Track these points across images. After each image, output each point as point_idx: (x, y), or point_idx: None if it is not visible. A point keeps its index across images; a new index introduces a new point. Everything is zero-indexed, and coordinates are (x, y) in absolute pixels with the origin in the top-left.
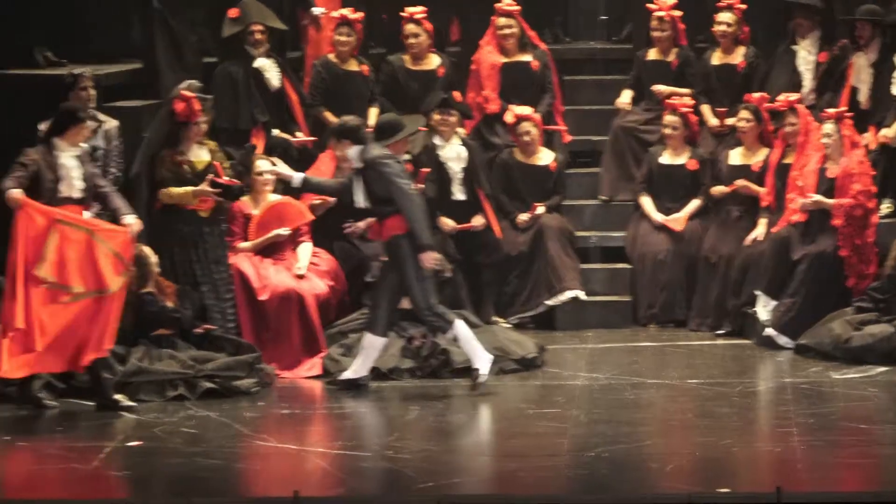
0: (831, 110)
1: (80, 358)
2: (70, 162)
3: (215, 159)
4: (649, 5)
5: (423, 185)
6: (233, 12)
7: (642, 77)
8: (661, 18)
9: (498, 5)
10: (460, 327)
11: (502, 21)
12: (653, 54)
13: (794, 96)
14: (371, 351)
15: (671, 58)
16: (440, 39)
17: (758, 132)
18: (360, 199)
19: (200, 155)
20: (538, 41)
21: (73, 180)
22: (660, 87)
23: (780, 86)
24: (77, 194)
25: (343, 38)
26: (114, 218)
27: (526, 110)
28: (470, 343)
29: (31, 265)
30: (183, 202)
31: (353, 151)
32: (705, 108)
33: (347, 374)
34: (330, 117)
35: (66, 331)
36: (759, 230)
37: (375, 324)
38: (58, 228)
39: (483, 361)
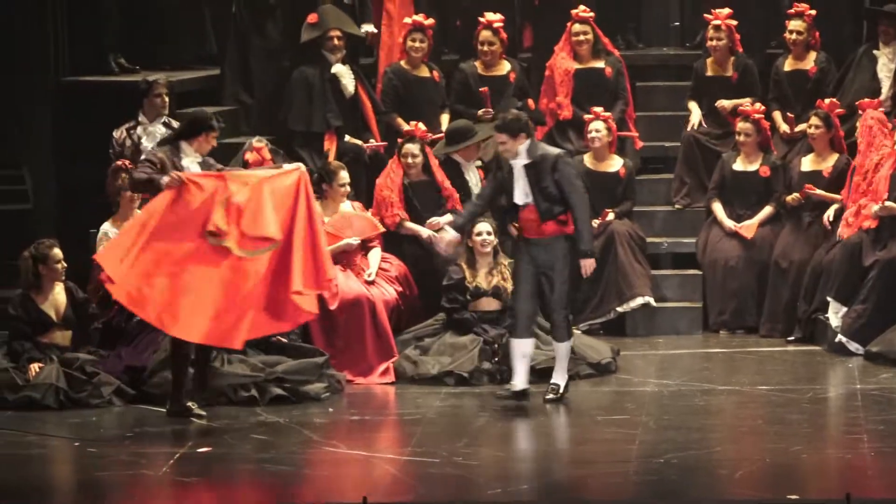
0: None
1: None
2: (193, 167)
3: None
4: (706, 15)
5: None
6: (312, 17)
7: (702, 91)
8: (717, 27)
9: (573, 12)
10: (566, 347)
11: (577, 27)
12: (711, 69)
13: (876, 100)
14: (521, 356)
15: (730, 72)
16: (513, 46)
17: (828, 138)
18: (520, 196)
19: None
20: (612, 48)
21: None
22: (723, 103)
23: (857, 90)
24: None
25: (416, 45)
26: None
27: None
28: (564, 361)
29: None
30: None
31: (523, 146)
32: (777, 115)
33: (516, 387)
34: (401, 123)
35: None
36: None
37: (517, 327)
38: (225, 189)
39: (563, 380)
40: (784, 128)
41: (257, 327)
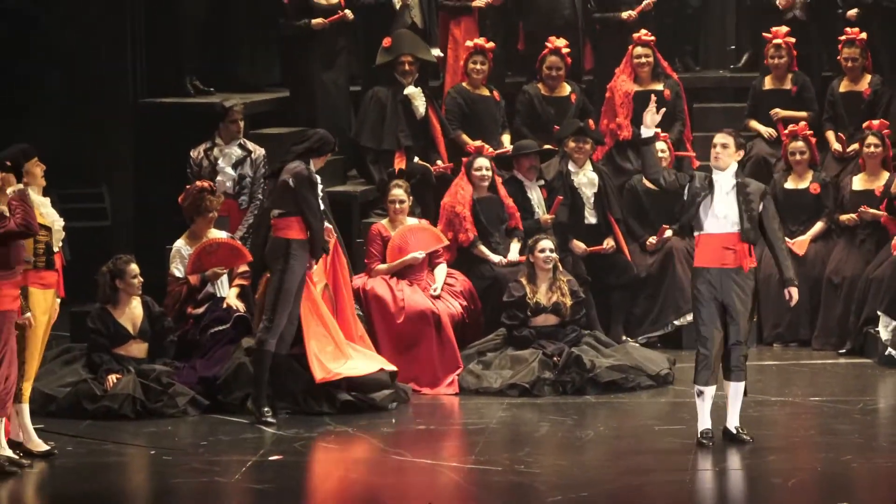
0: None
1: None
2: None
3: None
4: (765, 34)
5: (553, 215)
6: (386, 42)
7: (760, 107)
8: (777, 45)
9: (635, 35)
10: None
11: (639, 50)
12: (769, 83)
13: None
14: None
15: (788, 85)
16: (575, 68)
17: (882, 157)
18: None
19: None
20: (670, 71)
21: None
22: (777, 110)
23: None
24: None
25: (477, 66)
26: None
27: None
28: (707, 406)
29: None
30: None
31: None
32: (830, 134)
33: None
34: (467, 140)
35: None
36: None
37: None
38: None
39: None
40: (837, 146)
41: None
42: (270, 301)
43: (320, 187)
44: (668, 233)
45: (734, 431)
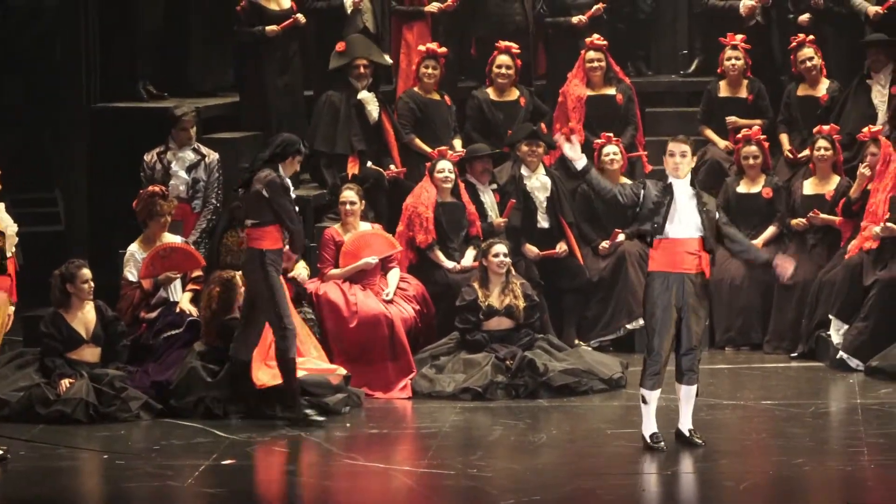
0: None
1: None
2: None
3: None
4: (721, 39)
5: (506, 219)
6: (340, 46)
7: (715, 113)
8: (734, 47)
9: (588, 40)
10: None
11: (591, 55)
12: (724, 90)
13: (875, 127)
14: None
15: (744, 93)
16: (528, 73)
17: (833, 161)
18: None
19: None
20: (623, 75)
21: None
22: (736, 120)
23: (855, 118)
24: None
25: (429, 71)
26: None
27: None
28: (652, 411)
29: None
30: None
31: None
32: (784, 138)
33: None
34: (421, 145)
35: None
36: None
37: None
38: None
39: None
40: (788, 151)
41: None
42: (272, 311)
43: (292, 191)
44: (621, 237)
45: (687, 434)
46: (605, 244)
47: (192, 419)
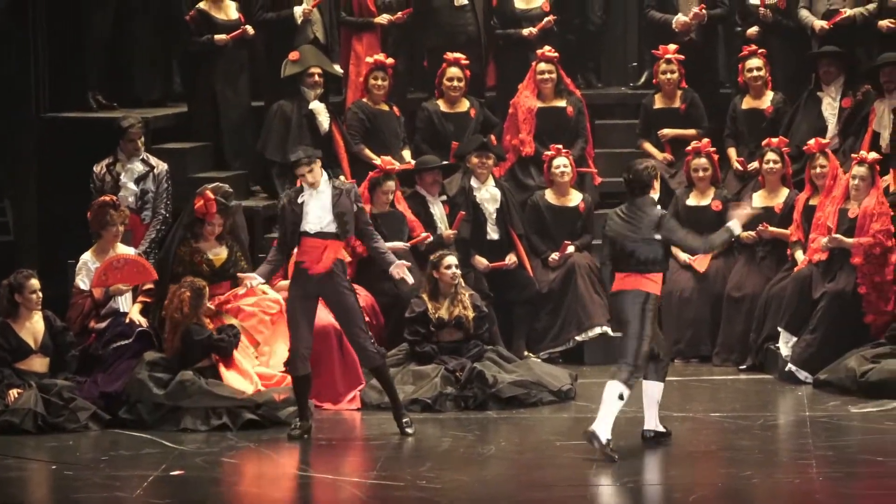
0: (860, 153)
1: None
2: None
3: (231, 258)
4: (655, 51)
5: (455, 231)
6: (293, 55)
7: (651, 126)
8: (668, 61)
9: (539, 51)
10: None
11: (542, 66)
12: (659, 101)
13: (824, 140)
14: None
15: (677, 103)
16: (478, 85)
17: (782, 174)
18: None
19: (220, 252)
20: (573, 87)
21: None
22: (665, 131)
23: (805, 130)
24: None
25: (378, 83)
26: None
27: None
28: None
29: None
30: None
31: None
32: (731, 151)
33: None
34: (370, 155)
35: None
36: (800, 258)
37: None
38: None
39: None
40: (737, 165)
41: None
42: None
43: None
44: (571, 248)
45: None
46: (554, 256)
47: (141, 430)
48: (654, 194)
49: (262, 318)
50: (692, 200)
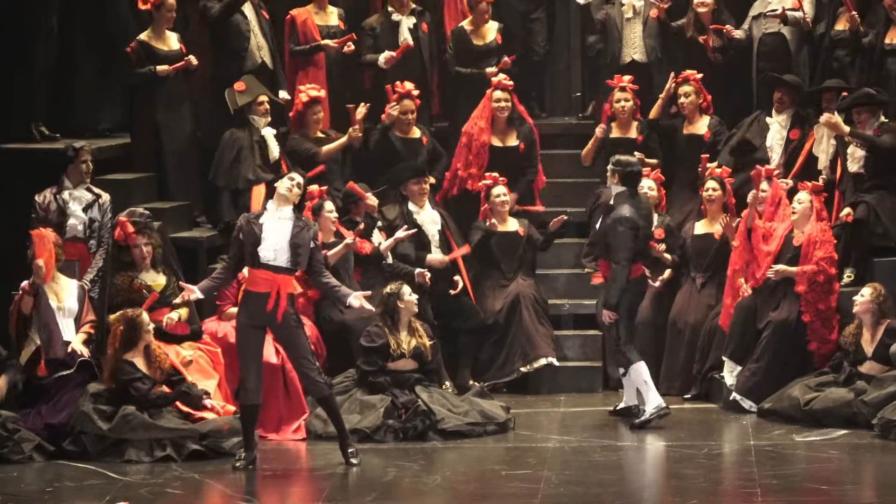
0: (808, 182)
1: None
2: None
3: (170, 285)
4: (609, 81)
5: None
6: (239, 86)
7: (607, 153)
8: (623, 89)
9: (494, 80)
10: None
11: (498, 94)
12: (615, 131)
13: (770, 165)
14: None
15: (633, 133)
16: (425, 113)
17: (723, 202)
18: None
19: (157, 279)
20: (527, 116)
21: None
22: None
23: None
24: None
25: (317, 117)
26: None
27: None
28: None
29: None
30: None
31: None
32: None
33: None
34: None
35: None
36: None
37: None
38: None
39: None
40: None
41: None
42: None
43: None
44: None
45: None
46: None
47: (85, 461)
48: None
49: (202, 364)
50: None
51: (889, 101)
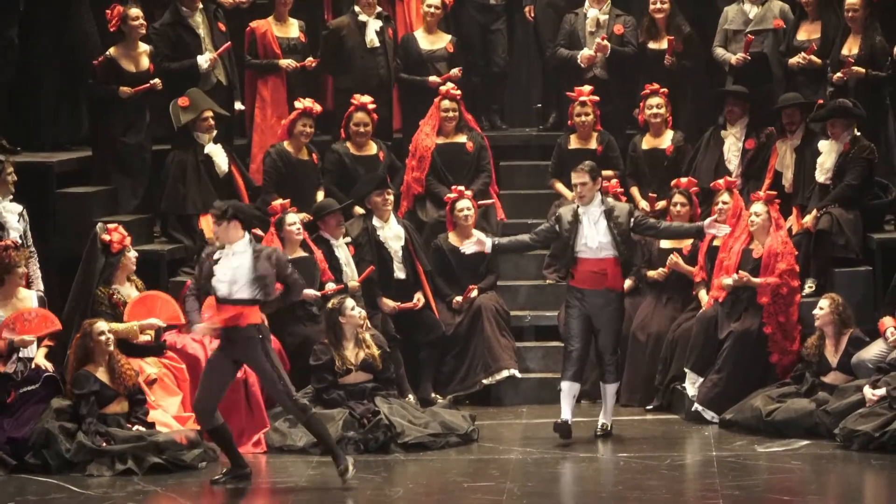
0: (762, 193)
1: None
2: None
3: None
4: (569, 93)
5: (359, 283)
6: (183, 101)
7: (565, 166)
8: (583, 103)
9: (442, 89)
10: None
11: (445, 104)
12: (574, 142)
13: (730, 178)
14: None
15: (593, 144)
16: (385, 127)
17: (690, 215)
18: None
19: (132, 293)
20: (474, 124)
21: None
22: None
23: (706, 169)
24: None
25: (306, 130)
26: None
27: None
28: (567, 401)
29: None
30: (129, 336)
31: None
32: (635, 191)
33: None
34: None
35: None
36: (704, 299)
37: (576, 371)
38: None
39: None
40: (643, 204)
41: None
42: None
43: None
44: (474, 293)
45: (607, 428)
46: (458, 299)
47: (48, 475)
48: None
49: (166, 383)
50: None
51: (862, 115)
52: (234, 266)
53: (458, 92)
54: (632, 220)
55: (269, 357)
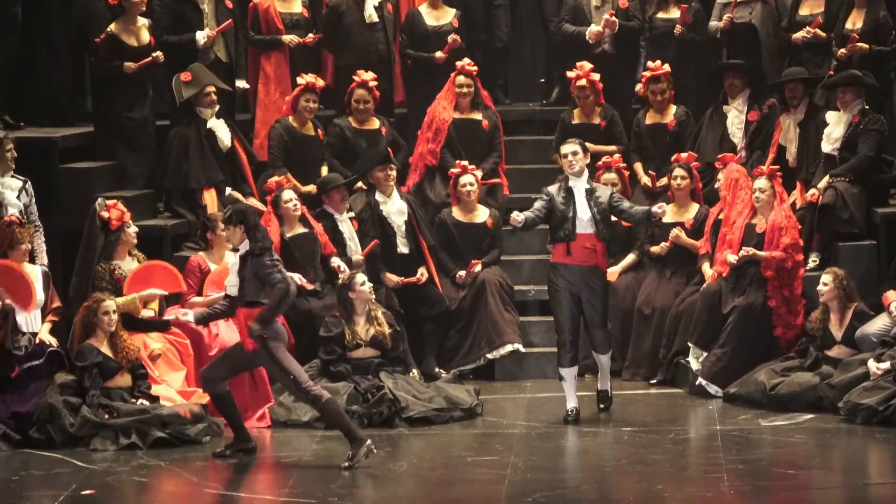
0: (764, 167)
1: None
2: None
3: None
4: (569, 73)
5: (364, 257)
6: (185, 76)
7: (568, 139)
8: (581, 87)
9: (459, 64)
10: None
11: (461, 79)
12: (578, 117)
13: (735, 156)
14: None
15: (597, 119)
16: (387, 103)
17: (691, 189)
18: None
19: (131, 265)
20: (490, 102)
21: None
22: (587, 144)
23: (711, 145)
24: None
25: (309, 105)
26: None
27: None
28: (570, 387)
29: None
30: (130, 309)
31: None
32: (638, 167)
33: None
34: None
35: None
36: (707, 273)
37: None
38: None
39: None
40: (645, 179)
41: None
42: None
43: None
44: (478, 267)
45: (606, 394)
46: (461, 273)
47: (52, 450)
48: None
49: (170, 358)
50: None
51: (874, 85)
52: (235, 267)
53: (475, 68)
54: (610, 200)
55: (272, 357)
